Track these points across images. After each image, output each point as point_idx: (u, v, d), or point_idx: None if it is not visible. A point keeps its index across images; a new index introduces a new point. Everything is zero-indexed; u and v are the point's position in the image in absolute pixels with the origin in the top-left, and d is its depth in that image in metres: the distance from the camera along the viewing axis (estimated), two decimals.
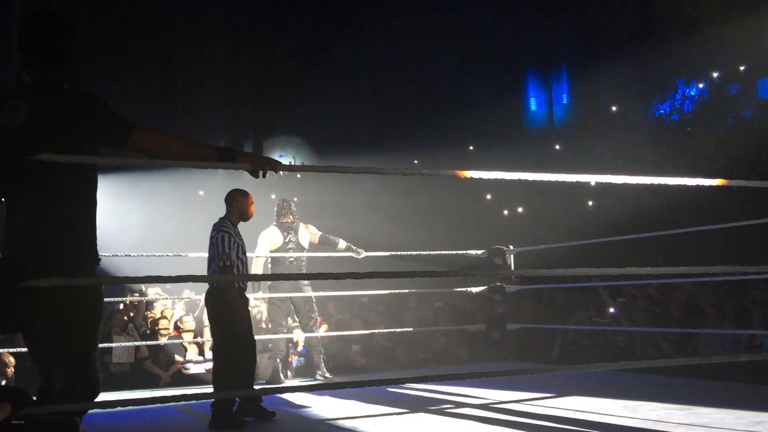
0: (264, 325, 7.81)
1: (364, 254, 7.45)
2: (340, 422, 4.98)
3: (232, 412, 4.92)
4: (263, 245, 7.10)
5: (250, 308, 7.43)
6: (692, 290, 8.15)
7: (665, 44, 21.75)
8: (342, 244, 7.39)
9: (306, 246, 7.27)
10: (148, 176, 15.44)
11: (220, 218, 5.18)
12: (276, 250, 7.13)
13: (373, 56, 28.57)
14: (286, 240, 7.15)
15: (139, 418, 5.29)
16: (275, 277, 7.61)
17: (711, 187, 13.08)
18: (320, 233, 7.40)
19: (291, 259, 7.13)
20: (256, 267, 7.09)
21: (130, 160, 2.88)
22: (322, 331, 8.16)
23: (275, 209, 7.30)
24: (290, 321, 7.63)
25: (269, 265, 7.25)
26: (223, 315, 4.99)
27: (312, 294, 7.29)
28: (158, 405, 5.47)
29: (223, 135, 26.01)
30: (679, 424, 4.40)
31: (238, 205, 5.20)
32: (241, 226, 5.27)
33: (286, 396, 6.10)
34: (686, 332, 7.17)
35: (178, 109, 26.77)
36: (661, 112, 19.93)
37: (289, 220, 7.19)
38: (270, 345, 7.29)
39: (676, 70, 20.94)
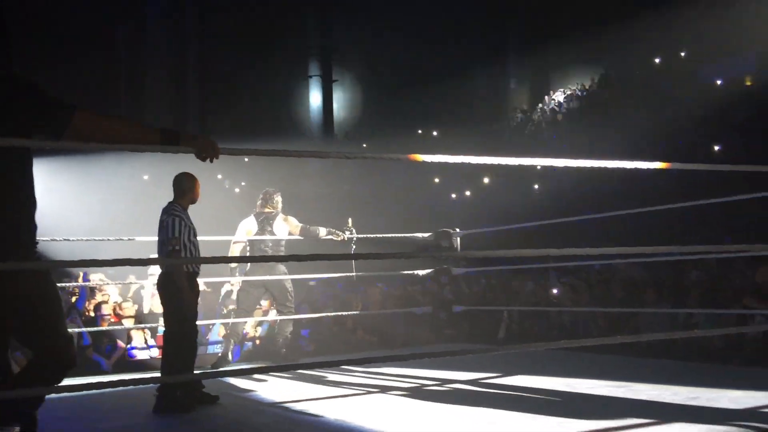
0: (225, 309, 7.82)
1: (343, 236, 7.46)
2: (287, 405, 4.98)
3: (177, 396, 4.87)
4: (240, 234, 7.18)
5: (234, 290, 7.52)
6: (632, 271, 8.34)
7: (609, 29, 22.10)
8: (322, 231, 7.39)
9: (281, 237, 7.27)
10: (89, 160, 15.12)
11: (170, 202, 5.09)
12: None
13: (324, 40, 28.37)
14: (260, 229, 7.15)
15: (82, 406, 5.20)
16: (229, 259, 7.52)
17: (653, 170, 13.38)
18: (301, 225, 7.39)
19: (266, 249, 7.15)
20: (232, 252, 7.16)
21: (69, 143, 2.76)
22: (272, 316, 8.11)
23: (259, 199, 7.31)
24: (264, 304, 7.73)
25: (246, 253, 7.24)
26: (172, 299, 4.94)
27: (288, 282, 7.29)
28: (101, 390, 5.37)
29: (167, 115, 25.53)
30: (617, 398, 4.53)
31: (187, 188, 5.12)
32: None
33: (231, 381, 6.05)
34: (626, 311, 7.35)
35: (122, 87, 26.22)
36: (603, 96, 20.26)
37: (267, 211, 7.21)
38: (227, 329, 7.26)
39: (618, 56, 21.33)
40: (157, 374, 5.56)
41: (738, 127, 14.13)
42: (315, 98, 28.72)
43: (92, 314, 7.97)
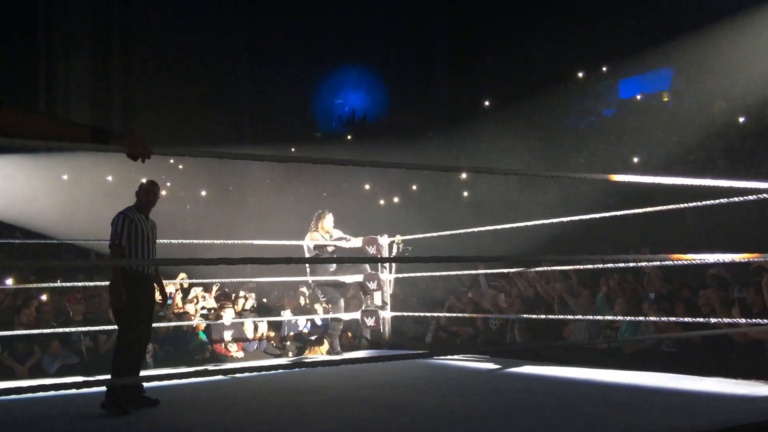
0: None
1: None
2: (216, 409, 4.88)
3: (120, 398, 4.79)
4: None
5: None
6: (564, 278, 8.48)
7: (535, 42, 22.67)
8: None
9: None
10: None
11: (128, 207, 5.23)
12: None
13: (250, 41, 28.08)
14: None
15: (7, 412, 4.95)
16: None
17: (575, 179, 13.77)
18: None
19: None
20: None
21: None
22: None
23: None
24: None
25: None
26: (117, 300, 4.97)
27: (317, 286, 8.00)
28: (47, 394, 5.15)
29: (89, 112, 24.71)
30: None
31: (140, 194, 5.27)
32: None
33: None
34: (552, 319, 7.49)
35: (41, 80, 25.27)
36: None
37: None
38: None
39: (543, 69, 21.86)
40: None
41: (658, 140, 14.68)
42: None
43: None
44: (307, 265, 7.97)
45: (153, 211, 5.36)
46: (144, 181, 5.36)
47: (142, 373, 6.76)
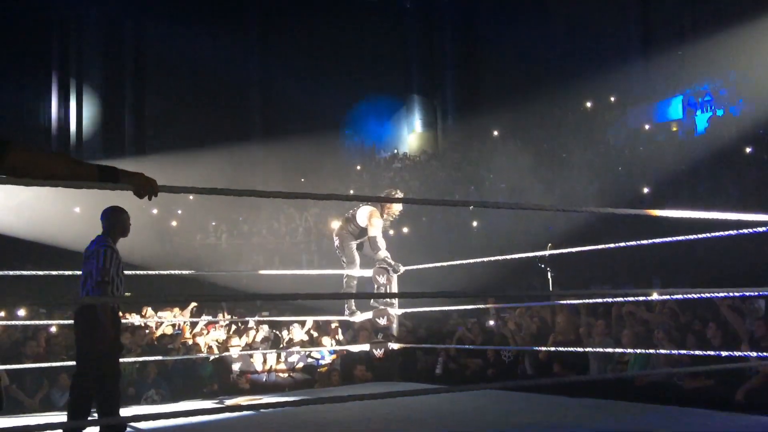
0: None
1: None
2: None
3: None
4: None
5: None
6: (572, 309, 8.41)
7: (544, 73, 22.78)
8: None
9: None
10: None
11: (99, 235, 4.88)
12: None
13: (262, 71, 28.35)
14: None
15: None
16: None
17: (587, 211, 13.72)
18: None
19: None
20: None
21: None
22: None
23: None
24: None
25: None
26: (95, 333, 4.68)
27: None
28: None
29: (99, 149, 24.96)
30: None
31: (118, 222, 4.95)
32: None
33: None
34: (568, 351, 7.41)
35: (52, 113, 25.64)
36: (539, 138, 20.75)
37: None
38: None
39: (551, 99, 21.93)
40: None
41: (666, 171, 14.64)
42: None
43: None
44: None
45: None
46: (113, 207, 4.96)
47: (151, 410, 6.76)
